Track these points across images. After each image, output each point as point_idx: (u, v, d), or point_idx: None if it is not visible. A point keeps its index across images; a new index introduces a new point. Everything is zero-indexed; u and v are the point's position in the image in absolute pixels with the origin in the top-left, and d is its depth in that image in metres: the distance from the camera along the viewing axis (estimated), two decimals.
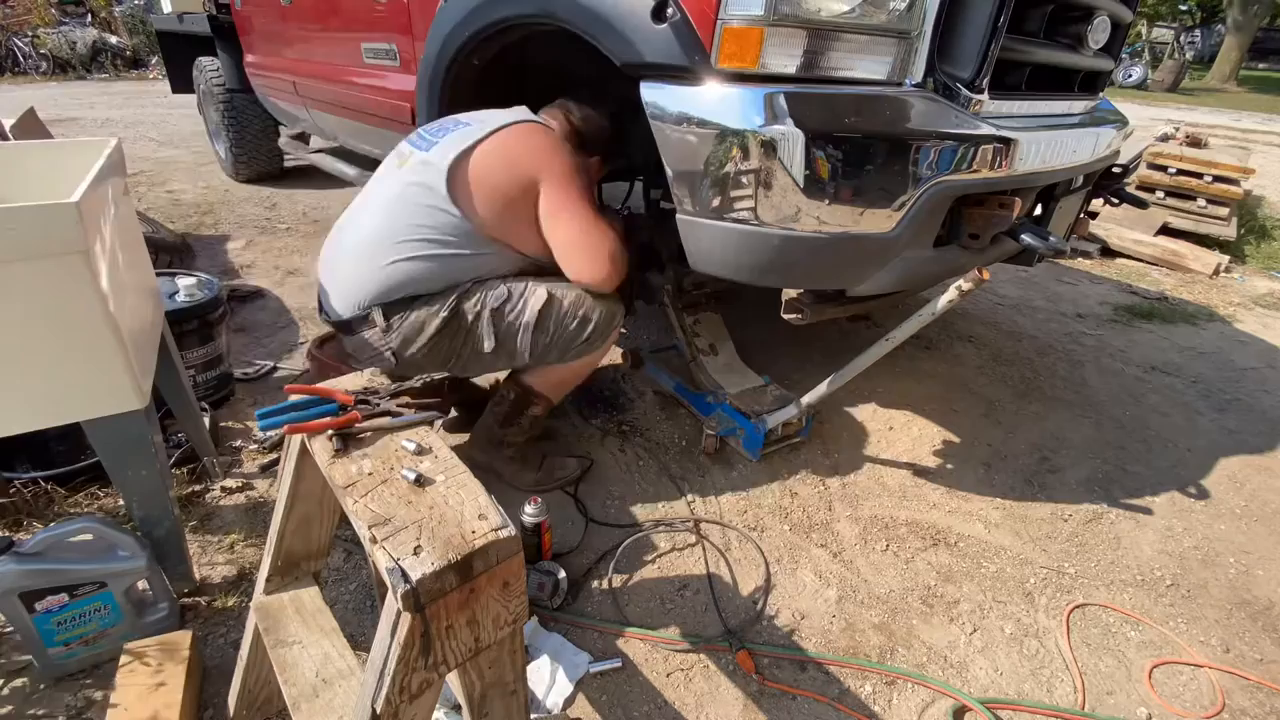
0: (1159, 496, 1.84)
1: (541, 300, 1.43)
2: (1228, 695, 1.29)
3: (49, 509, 1.47)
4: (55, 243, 0.94)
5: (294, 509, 0.90)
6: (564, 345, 1.48)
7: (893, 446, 1.95)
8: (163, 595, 1.21)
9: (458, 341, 1.43)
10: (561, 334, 1.46)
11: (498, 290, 1.42)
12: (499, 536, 0.65)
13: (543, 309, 1.43)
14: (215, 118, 4.29)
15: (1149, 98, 13.85)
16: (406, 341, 1.40)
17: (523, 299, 1.43)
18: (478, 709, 0.73)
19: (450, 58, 1.78)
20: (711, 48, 1.23)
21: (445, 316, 1.39)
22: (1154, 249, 3.84)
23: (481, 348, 1.43)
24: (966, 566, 1.55)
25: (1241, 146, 5.27)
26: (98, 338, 1.01)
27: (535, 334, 1.44)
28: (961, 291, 1.36)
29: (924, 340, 2.55)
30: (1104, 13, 1.61)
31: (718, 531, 1.60)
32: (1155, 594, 1.52)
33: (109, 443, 1.13)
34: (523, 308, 1.43)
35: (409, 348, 1.40)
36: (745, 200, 1.28)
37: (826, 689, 1.24)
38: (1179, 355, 2.70)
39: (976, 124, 1.31)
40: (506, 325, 1.43)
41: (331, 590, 1.37)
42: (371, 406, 0.84)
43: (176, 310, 1.77)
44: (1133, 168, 1.99)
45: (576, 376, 1.62)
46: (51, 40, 10.31)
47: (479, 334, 1.42)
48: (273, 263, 3.08)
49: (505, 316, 1.42)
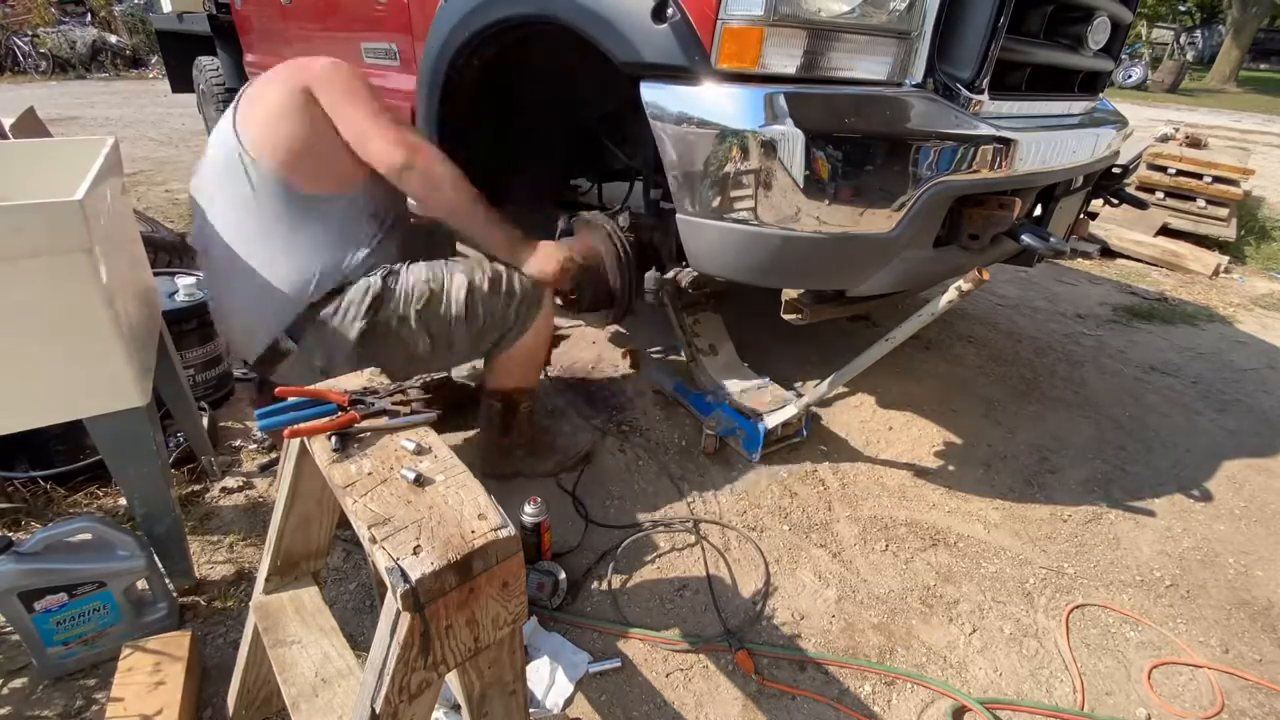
0: (1158, 497, 1.84)
1: (464, 289, 1.39)
2: (1227, 696, 1.29)
3: (48, 509, 1.47)
4: (59, 240, 0.94)
5: (293, 509, 0.90)
6: (501, 326, 1.45)
7: (893, 446, 1.95)
8: (162, 595, 1.21)
9: (386, 346, 1.38)
10: (492, 314, 1.42)
11: (417, 288, 1.37)
12: (498, 536, 0.65)
13: (467, 297, 1.39)
14: (215, 117, 4.28)
15: (1149, 98, 13.85)
16: (330, 359, 1.35)
17: (445, 293, 1.39)
18: (477, 709, 0.73)
19: (450, 58, 1.78)
20: (711, 48, 1.23)
21: (361, 328, 1.33)
22: (1153, 249, 3.84)
23: (416, 350, 1.40)
24: (966, 567, 1.55)
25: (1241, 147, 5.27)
26: (100, 335, 1.01)
27: (468, 323, 1.41)
28: (961, 292, 1.36)
29: (924, 340, 2.55)
30: (1104, 13, 1.61)
31: (717, 531, 1.60)
32: (1154, 594, 1.52)
33: (111, 440, 1.13)
34: (449, 301, 1.39)
35: (333, 360, 1.35)
36: (745, 200, 1.28)
37: (826, 689, 1.24)
38: (1178, 356, 2.71)
39: (976, 124, 1.31)
40: (437, 325, 1.39)
41: (331, 590, 1.36)
42: (367, 406, 0.83)
43: (176, 310, 1.76)
44: (1132, 168, 1.99)
45: (536, 353, 1.58)
46: (51, 39, 10.30)
47: (407, 338, 1.38)
48: None
49: (433, 317, 1.38)
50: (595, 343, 2.40)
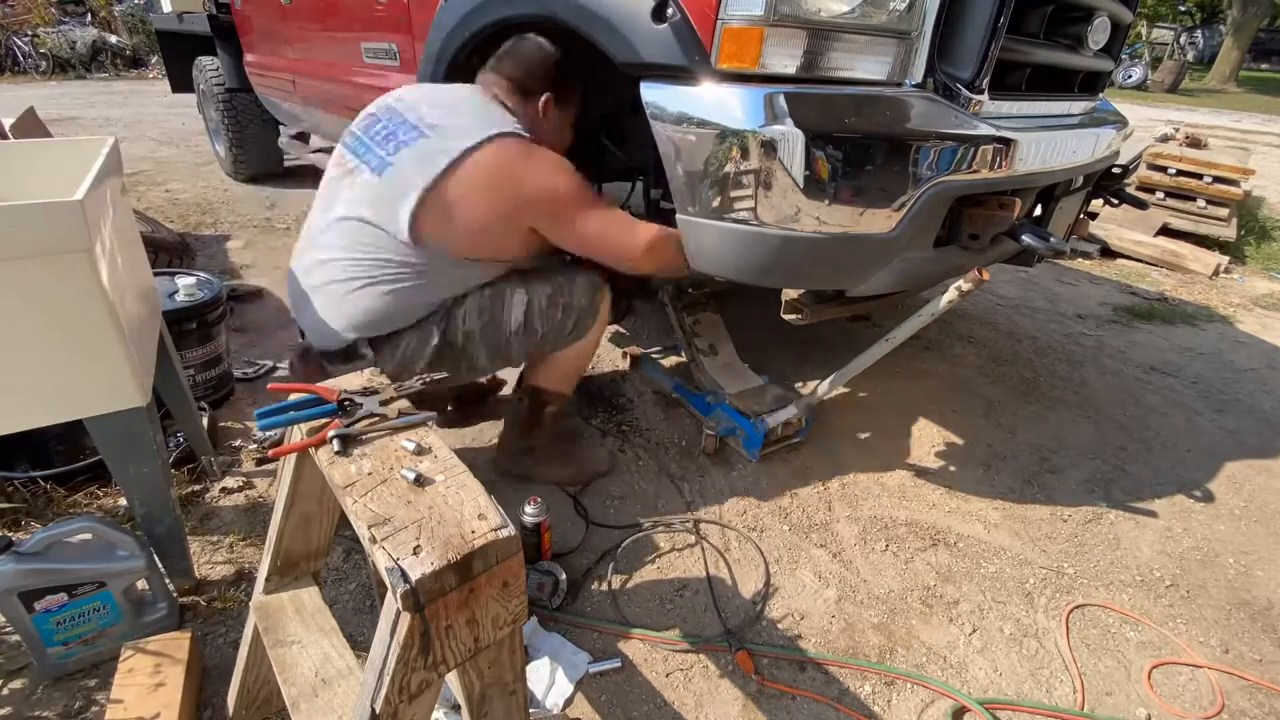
0: (1158, 497, 1.84)
1: (523, 305, 1.42)
2: (1227, 696, 1.29)
3: (48, 509, 1.47)
4: (59, 240, 0.94)
5: (293, 509, 0.90)
6: (555, 336, 1.48)
7: (892, 446, 1.95)
8: (162, 595, 1.21)
9: (452, 362, 1.42)
10: (550, 327, 1.45)
11: (479, 307, 1.40)
12: (498, 536, 0.65)
13: (526, 313, 1.42)
14: (215, 117, 4.29)
15: (1149, 98, 13.85)
16: (402, 369, 1.38)
17: (505, 310, 1.42)
18: (477, 709, 0.73)
19: (450, 58, 1.78)
20: (711, 48, 1.23)
21: (436, 345, 1.38)
22: (1154, 249, 3.84)
23: (477, 363, 1.45)
24: (966, 567, 1.55)
25: (1241, 147, 5.26)
26: (100, 335, 1.01)
27: (526, 337, 1.44)
28: (961, 292, 1.36)
29: (924, 340, 2.56)
30: (1104, 13, 1.61)
31: (717, 532, 1.60)
32: (1154, 594, 1.52)
33: (111, 440, 1.12)
34: (508, 318, 1.42)
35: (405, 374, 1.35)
36: (745, 200, 1.28)
37: (826, 689, 1.24)
38: (1178, 356, 2.71)
39: (976, 124, 1.31)
40: (496, 338, 1.43)
41: (331, 590, 1.36)
42: (357, 406, 0.83)
43: (176, 310, 1.76)
44: (1132, 168, 1.99)
45: (580, 362, 1.60)
46: (51, 39, 10.30)
47: (472, 353, 1.43)
48: (273, 262, 3.07)
49: (494, 331, 1.42)
50: None
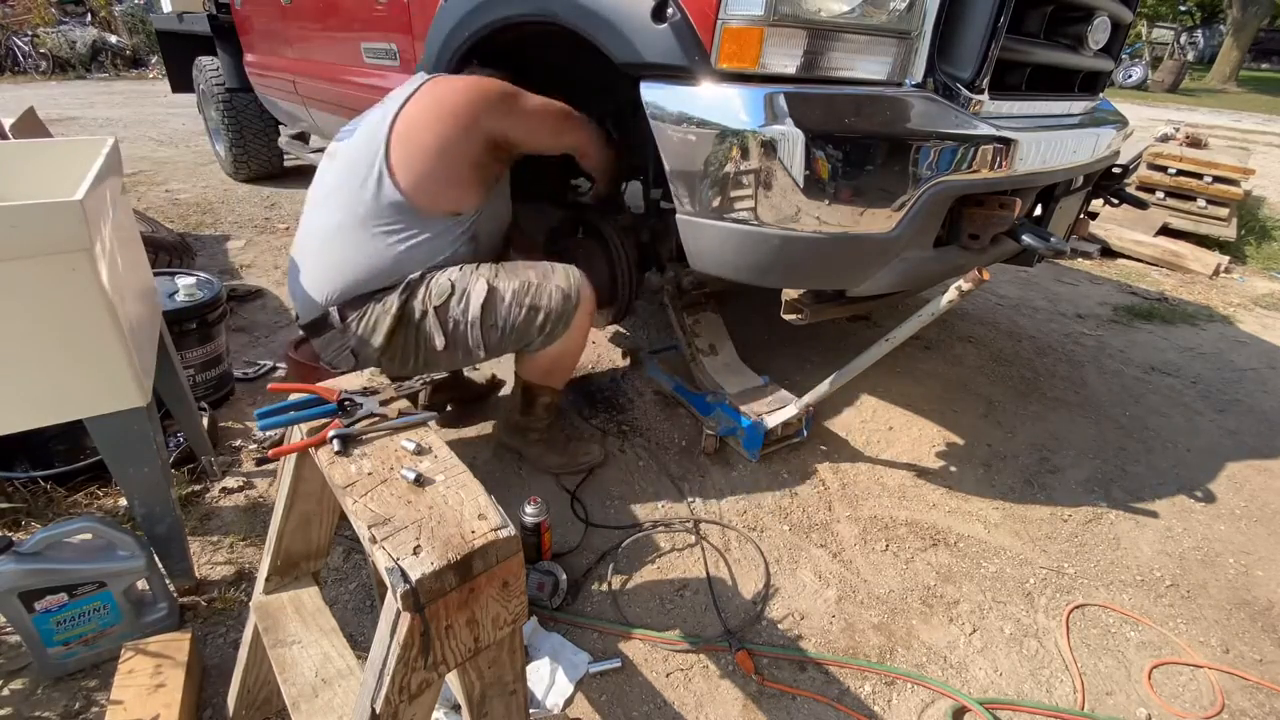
0: (1159, 497, 1.84)
1: (483, 294, 1.39)
2: (1227, 696, 1.29)
3: (48, 509, 1.47)
4: (59, 240, 0.94)
5: (294, 509, 0.90)
6: (519, 336, 1.44)
7: (893, 446, 1.95)
8: (162, 595, 1.21)
9: (410, 340, 1.41)
10: (512, 325, 1.42)
11: (440, 285, 1.39)
12: (498, 536, 0.65)
13: (485, 303, 1.39)
14: (215, 117, 4.29)
15: (1149, 98, 13.84)
16: (363, 340, 1.39)
17: (464, 293, 1.39)
18: (477, 709, 0.73)
19: (450, 57, 1.78)
20: (711, 48, 1.23)
21: (395, 313, 1.37)
22: (1154, 249, 3.84)
23: (434, 345, 1.41)
24: (966, 567, 1.55)
25: (1241, 147, 5.27)
26: (100, 335, 1.02)
27: (483, 328, 1.41)
28: (961, 292, 1.36)
29: (924, 340, 2.55)
30: (1104, 13, 1.61)
31: (717, 532, 1.60)
32: (1155, 594, 1.52)
33: (111, 440, 1.13)
34: (466, 303, 1.39)
35: (366, 346, 1.40)
36: (745, 200, 1.28)
37: (826, 689, 1.24)
38: (1179, 356, 2.71)
39: (976, 124, 1.31)
40: (453, 322, 1.40)
41: (331, 590, 1.36)
42: (357, 406, 0.83)
43: (176, 310, 1.76)
44: (1133, 168, 1.99)
45: (565, 360, 1.58)
46: (51, 39, 10.31)
47: (427, 331, 1.40)
48: (273, 262, 3.07)
49: (450, 313, 1.39)
50: (595, 343, 2.39)
